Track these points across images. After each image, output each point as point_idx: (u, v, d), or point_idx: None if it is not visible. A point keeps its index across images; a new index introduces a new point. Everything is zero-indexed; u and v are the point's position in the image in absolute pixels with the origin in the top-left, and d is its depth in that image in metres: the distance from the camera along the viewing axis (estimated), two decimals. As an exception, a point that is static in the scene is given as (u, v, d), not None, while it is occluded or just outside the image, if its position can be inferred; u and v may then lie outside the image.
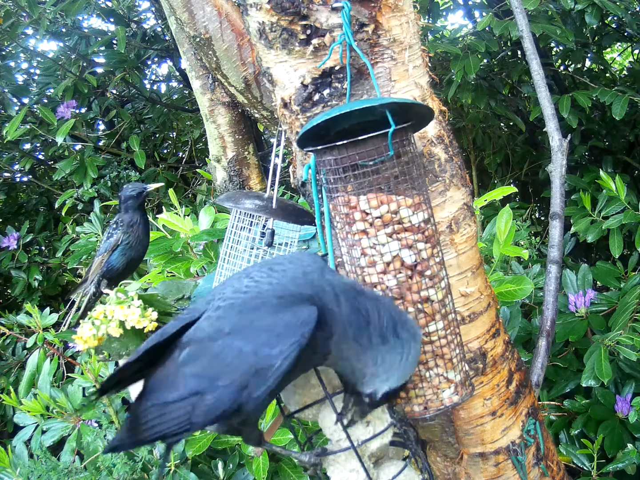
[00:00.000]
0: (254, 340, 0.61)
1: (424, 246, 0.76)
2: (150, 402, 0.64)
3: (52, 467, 1.37)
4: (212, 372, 0.61)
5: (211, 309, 0.66)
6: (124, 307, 0.98)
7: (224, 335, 0.62)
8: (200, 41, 1.22)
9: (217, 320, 0.64)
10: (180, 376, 0.63)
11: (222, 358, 0.61)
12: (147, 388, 0.66)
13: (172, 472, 1.38)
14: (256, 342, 0.61)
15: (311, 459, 0.76)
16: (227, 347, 0.61)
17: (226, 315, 0.64)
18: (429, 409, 0.80)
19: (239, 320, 0.63)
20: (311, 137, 0.73)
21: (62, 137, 2.45)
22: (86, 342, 0.99)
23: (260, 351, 0.61)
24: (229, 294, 0.67)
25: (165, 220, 1.54)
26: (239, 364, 0.61)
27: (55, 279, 2.90)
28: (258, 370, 0.61)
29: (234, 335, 0.62)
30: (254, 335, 0.62)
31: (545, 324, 1.27)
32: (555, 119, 1.40)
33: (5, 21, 2.60)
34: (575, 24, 2.49)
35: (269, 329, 0.61)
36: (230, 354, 0.61)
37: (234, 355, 0.61)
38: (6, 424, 2.22)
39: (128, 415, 0.67)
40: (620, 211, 1.98)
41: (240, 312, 0.64)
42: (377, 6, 0.78)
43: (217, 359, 0.61)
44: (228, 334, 0.62)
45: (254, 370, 0.61)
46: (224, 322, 0.64)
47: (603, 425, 1.59)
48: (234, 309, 0.65)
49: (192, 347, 0.64)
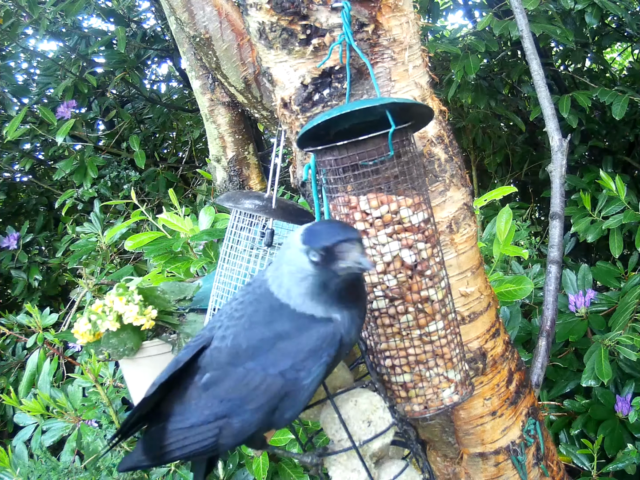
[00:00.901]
0: (280, 364, 0.63)
1: (424, 246, 0.76)
2: (172, 426, 0.65)
3: (52, 467, 1.37)
4: (238, 396, 0.63)
5: (219, 336, 0.68)
6: (123, 298, 0.98)
7: (244, 359, 0.64)
8: (200, 41, 1.22)
9: (232, 347, 0.66)
10: (204, 400, 0.64)
11: (247, 382, 0.63)
12: (167, 412, 0.67)
13: (172, 472, 1.38)
14: (282, 365, 0.62)
15: (313, 459, 0.76)
16: (252, 370, 0.63)
17: (239, 340, 0.66)
18: (429, 408, 0.80)
19: (256, 343, 0.65)
20: (311, 137, 0.73)
21: (62, 137, 2.45)
22: (82, 336, 0.99)
23: (288, 374, 0.62)
24: (227, 321, 0.68)
25: (165, 220, 1.54)
26: (267, 389, 0.62)
27: (55, 279, 2.90)
28: (288, 393, 0.62)
29: (256, 360, 0.63)
30: (279, 359, 0.63)
31: (545, 324, 1.27)
32: (555, 119, 1.40)
33: (5, 21, 2.60)
34: (575, 24, 2.49)
35: (295, 352, 0.63)
36: (256, 378, 0.62)
37: (260, 379, 0.62)
38: (6, 424, 2.22)
39: (144, 438, 0.68)
40: (620, 211, 1.98)
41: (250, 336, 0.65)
42: (377, 6, 0.78)
43: (242, 383, 0.63)
44: (249, 358, 0.63)
45: (284, 392, 0.62)
46: (239, 347, 0.65)
47: (603, 425, 1.59)
48: (241, 333, 0.66)
49: (214, 372, 0.65)
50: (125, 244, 1.55)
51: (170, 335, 1.08)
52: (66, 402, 1.49)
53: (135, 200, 1.70)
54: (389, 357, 0.79)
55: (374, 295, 0.77)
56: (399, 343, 0.78)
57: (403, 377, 0.79)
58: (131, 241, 1.53)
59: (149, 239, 1.54)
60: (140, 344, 1.05)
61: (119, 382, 1.50)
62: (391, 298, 0.76)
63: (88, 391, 1.50)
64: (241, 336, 0.65)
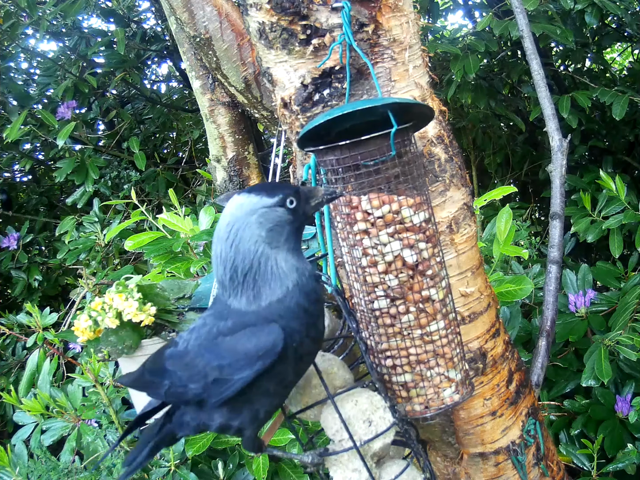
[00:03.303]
0: (220, 359, 0.70)
1: (425, 246, 0.76)
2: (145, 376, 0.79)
3: (52, 466, 1.37)
4: (186, 374, 0.73)
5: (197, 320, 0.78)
6: (122, 295, 0.98)
7: (197, 346, 0.73)
8: (200, 41, 1.22)
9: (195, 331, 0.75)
10: (166, 368, 0.76)
11: (194, 364, 0.72)
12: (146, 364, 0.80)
13: (172, 472, 1.38)
14: (222, 360, 0.70)
15: (314, 460, 0.76)
16: (200, 356, 0.72)
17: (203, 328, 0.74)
18: (430, 408, 0.80)
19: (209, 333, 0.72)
20: (311, 137, 0.73)
21: (62, 140, 2.45)
22: (83, 333, 0.99)
23: (225, 370, 0.70)
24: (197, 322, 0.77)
25: (165, 220, 1.54)
26: (206, 374, 0.71)
27: (55, 279, 2.90)
28: (217, 381, 0.71)
29: (205, 348, 0.72)
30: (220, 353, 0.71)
31: (545, 324, 1.27)
32: (555, 119, 1.40)
33: (5, 21, 2.60)
34: (575, 24, 2.49)
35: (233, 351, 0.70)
36: (201, 363, 0.72)
37: (203, 364, 0.71)
38: (6, 424, 2.22)
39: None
40: (620, 211, 1.98)
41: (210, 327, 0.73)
42: (377, 6, 0.78)
43: (191, 364, 0.73)
44: (200, 345, 0.73)
45: (214, 379, 0.71)
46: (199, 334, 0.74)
47: (603, 425, 1.59)
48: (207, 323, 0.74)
49: (176, 348, 0.75)
50: (125, 244, 1.55)
51: (170, 333, 1.09)
52: (66, 402, 1.49)
53: (136, 200, 1.70)
54: (389, 356, 0.80)
55: (375, 295, 0.77)
56: (400, 343, 0.78)
57: (404, 376, 0.79)
58: (131, 241, 1.52)
59: (149, 239, 1.53)
60: (139, 341, 1.05)
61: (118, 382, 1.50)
62: (392, 298, 0.76)
63: (88, 391, 1.50)
64: (205, 324, 0.74)
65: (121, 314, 0.99)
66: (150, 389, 0.78)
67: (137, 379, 0.80)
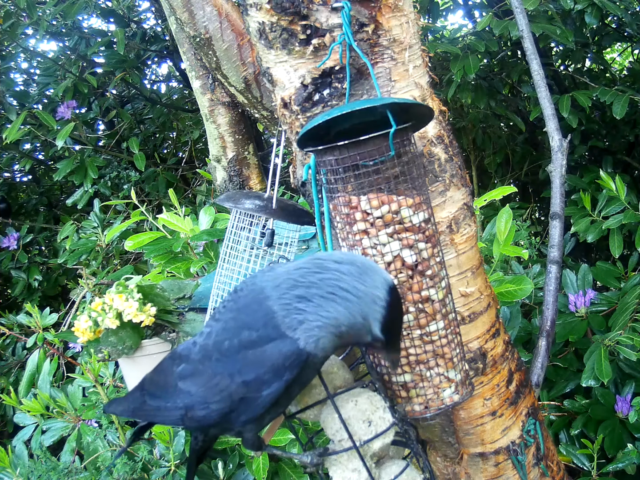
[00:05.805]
0: (244, 374, 0.67)
1: (425, 246, 0.76)
2: (148, 403, 0.73)
3: (52, 467, 1.37)
4: (205, 394, 0.69)
5: (202, 330, 0.73)
6: (122, 296, 0.98)
7: (213, 361, 0.69)
8: (200, 41, 1.22)
9: (203, 346, 0.71)
10: (178, 389, 0.71)
11: (214, 384, 0.68)
12: (145, 386, 0.75)
13: (172, 472, 1.38)
14: (247, 376, 0.67)
15: (313, 460, 0.76)
16: (219, 375, 0.68)
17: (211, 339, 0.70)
18: (430, 408, 0.80)
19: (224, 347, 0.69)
20: (311, 137, 0.73)
21: (62, 140, 2.45)
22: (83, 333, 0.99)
23: (251, 385, 0.67)
24: (212, 318, 0.73)
25: (165, 220, 1.54)
26: (230, 393, 0.68)
27: (55, 279, 2.90)
28: (245, 399, 0.67)
29: (222, 363, 0.68)
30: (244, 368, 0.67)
31: (545, 324, 1.27)
32: (555, 119, 1.40)
33: (5, 21, 2.60)
34: (575, 24, 2.49)
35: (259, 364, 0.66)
36: (223, 383, 0.68)
37: (225, 384, 0.68)
38: (6, 424, 2.22)
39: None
40: (620, 211, 1.98)
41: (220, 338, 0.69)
42: (377, 6, 0.78)
43: (211, 384, 0.69)
44: (217, 360, 0.69)
45: (241, 398, 0.68)
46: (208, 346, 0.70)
47: (603, 425, 1.59)
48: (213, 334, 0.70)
49: (186, 365, 0.71)
50: (125, 244, 1.55)
51: (170, 334, 1.09)
52: (66, 402, 1.49)
53: (135, 200, 1.70)
54: (389, 357, 0.79)
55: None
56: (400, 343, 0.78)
57: (404, 377, 0.79)
58: (131, 241, 1.53)
59: (149, 239, 1.54)
60: (139, 342, 1.05)
61: (119, 382, 1.50)
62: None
63: (88, 391, 1.50)
64: (213, 336, 0.70)
65: (121, 314, 0.99)
66: (158, 417, 0.73)
67: (138, 409, 0.74)
